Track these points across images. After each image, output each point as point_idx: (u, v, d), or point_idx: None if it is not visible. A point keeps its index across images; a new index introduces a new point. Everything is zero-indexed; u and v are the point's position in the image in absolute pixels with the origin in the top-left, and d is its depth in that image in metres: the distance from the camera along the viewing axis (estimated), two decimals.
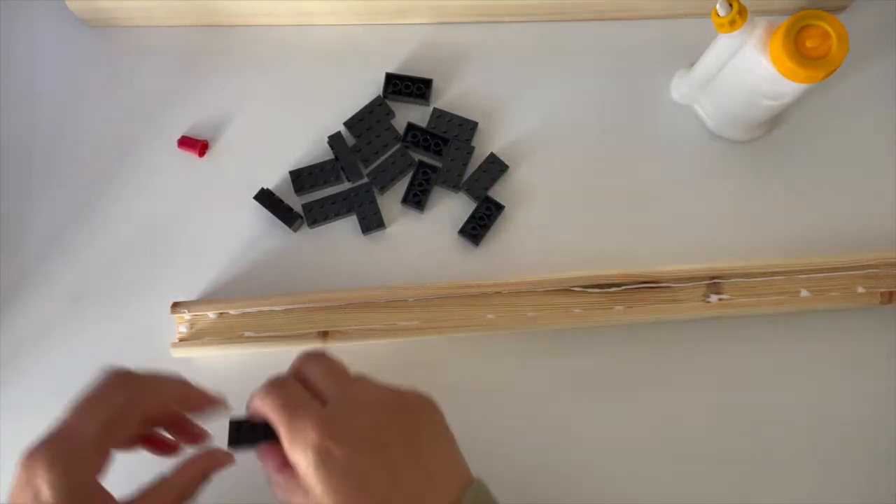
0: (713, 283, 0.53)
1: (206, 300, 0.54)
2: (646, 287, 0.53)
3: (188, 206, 0.58)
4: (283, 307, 0.52)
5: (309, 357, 0.41)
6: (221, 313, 0.53)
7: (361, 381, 0.40)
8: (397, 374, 0.44)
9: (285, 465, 0.38)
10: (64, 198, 0.58)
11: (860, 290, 0.53)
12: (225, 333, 0.52)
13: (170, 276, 0.56)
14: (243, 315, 0.52)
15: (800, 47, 0.48)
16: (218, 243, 0.57)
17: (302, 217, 0.56)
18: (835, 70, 0.48)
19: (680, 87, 0.59)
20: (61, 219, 0.58)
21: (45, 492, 0.34)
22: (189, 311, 0.53)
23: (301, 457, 0.36)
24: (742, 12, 0.48)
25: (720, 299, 0.53)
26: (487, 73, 0.60)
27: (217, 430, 0.43)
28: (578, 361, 0.54)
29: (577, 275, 0.53)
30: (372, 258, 0.56)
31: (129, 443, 0.41)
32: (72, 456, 0.36)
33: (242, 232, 0.57)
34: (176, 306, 0.53)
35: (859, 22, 0.57)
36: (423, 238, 0.57)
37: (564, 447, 0.52)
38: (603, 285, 0.53)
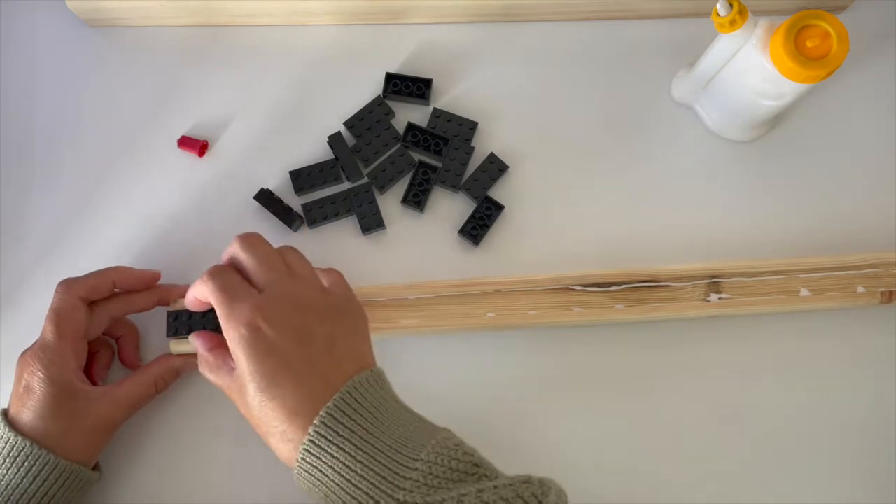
0: (713, 282, 0.53)
1: None
2: (646, 286, 0.53)
3: (188, 205, 0.58)
4: None
5: (243, 244, 0.45)
6: None
7: (293, 278, 0.45)
8: (394, 372, 0.45)
9: (217, 346, 0.45)
10: (64, 197, 0.58)
11: (860, 289, 0.53)
12: None
13: (169, 275, 0.55)
14: None
15: (800, 47, 0.48)
16: (218, 243, 0.57)
17: (302, 217, 0.56)
18: (835, 70, 0.48)
19: (680, 87, 0.59)
20: (61, 219, 0.58)
21: (30, 380, 0.46)
22: None
23: (235, 332, 0.41)
24: (742, 12, 0.48)
25: (720, 298, 0.53)
26: (487, 73, 0.60)
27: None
28: (578, 360, 0.54)
29: (578, 273, 0.53)
30: (372, 258, 0.56)
31: (91, 326, 0.49)
32: (44, 354, 0.46)
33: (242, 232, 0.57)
34: (176, 304, 0.53)
35: (859, 22, 0.58)
36: (423, 238, 0.57)
37: (564, 445, 0.52)
38: (603, 284, 0.53)
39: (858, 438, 0.53)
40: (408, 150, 0.58)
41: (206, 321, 0.49)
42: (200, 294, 0.44)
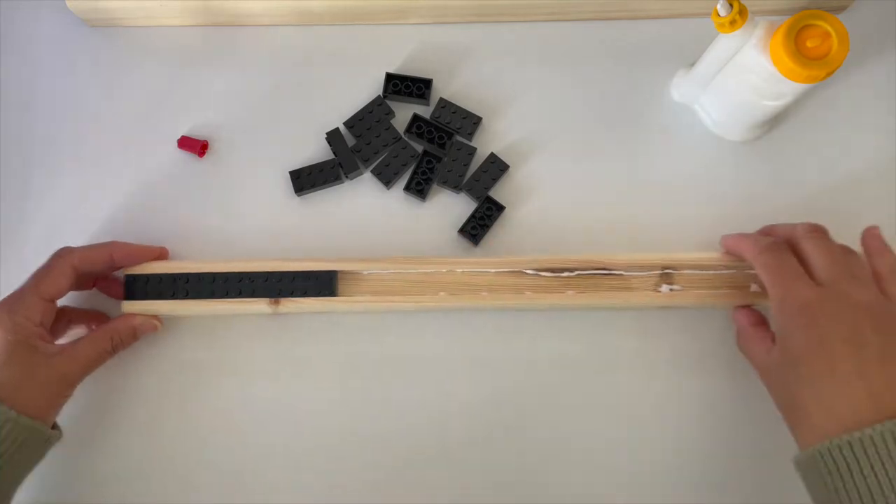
0: (665, 273, 0.53)
1: None
2: (599, 274, 0.53)
3: (188, 206, 0.58)
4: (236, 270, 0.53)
5: (809, 234, 0.46)
6: None
7: (854, 280, 0.44)
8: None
9: (760, 323, 0.49)
10: (64, 198, 0.58)
11: None
12: None
13: None
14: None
15: (800, 47, 0.48)
16: (217, 243, 0.57)
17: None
18: (835, 70, 0.48)
19: (680, 87, 0.59)
20: (61, 219, 0.58)
21: None
22: None
23: (789, 316, 0.43)
24: (742, 12, 0.48)
25: (671, 289, 0.52)
26: (487, 73, 0.60)
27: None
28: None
29: (531, 258, 0.53)
30: (371, 252, 0.56)
31: (68, 288, 0.50)
32: (13, 303, 0.48)
33: (241, 231, 0.57)
34: (132, 268, 0.53)
35: (859, 22, 0.57)
36: (423, 238, 0.57)
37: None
38: (556, 269, 0.53)
39: None
40: (411, 142, 0.58)
41: (162, 286, 0.51)
42: (748, 257, 0.46)
